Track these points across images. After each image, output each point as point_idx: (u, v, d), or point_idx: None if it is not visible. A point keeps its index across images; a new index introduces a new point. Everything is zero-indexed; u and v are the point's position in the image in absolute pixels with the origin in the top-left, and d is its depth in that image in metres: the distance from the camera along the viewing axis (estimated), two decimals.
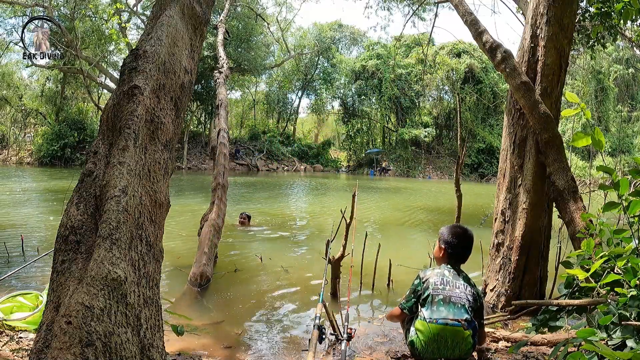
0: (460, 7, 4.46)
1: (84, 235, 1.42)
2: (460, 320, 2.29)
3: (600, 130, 2.17)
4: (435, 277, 2.41)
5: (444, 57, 34.04)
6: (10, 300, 3.07)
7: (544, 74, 3.74)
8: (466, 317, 2.30)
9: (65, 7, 22.39)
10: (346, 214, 3.89)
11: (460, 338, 2.28)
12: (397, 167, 34.55)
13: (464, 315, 2.30)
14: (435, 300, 2.33)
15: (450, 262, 2.51)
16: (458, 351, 2.29)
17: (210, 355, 2.78)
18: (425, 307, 2.34)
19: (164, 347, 1.37)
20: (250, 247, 6.27)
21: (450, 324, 2.28)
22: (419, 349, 2.32)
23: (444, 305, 2.32)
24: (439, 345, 2.29)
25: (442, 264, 2.53)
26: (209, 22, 2.60)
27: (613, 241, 2.63)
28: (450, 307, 2.32)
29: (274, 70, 36.59)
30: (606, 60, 32.94)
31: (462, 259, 2.54)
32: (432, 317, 2.30)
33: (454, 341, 2.27)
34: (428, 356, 2.31)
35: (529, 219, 3.63)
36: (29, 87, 31.72)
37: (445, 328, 2.27)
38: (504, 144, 4.06)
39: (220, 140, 5.87)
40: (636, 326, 1.99)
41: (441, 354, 2.30)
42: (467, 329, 2.29)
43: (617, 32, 6.65)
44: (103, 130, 1.79)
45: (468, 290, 2.40)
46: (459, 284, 2.39)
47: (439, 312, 2.30)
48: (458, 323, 2.28)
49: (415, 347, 2.34)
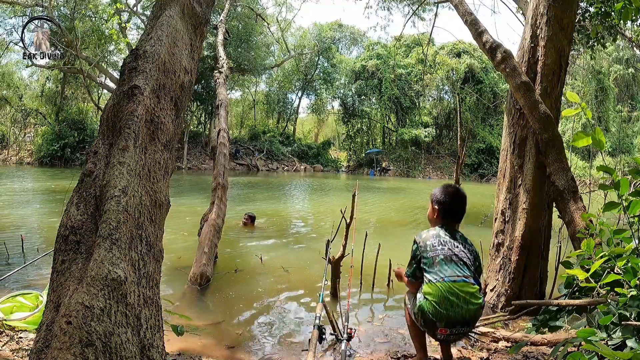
0: (460, 7, 4.46)
1: (84, 235, 1.42)
2: (466, 277, 2.24)
3: (600, 130, 2.17)
4: (432, 238, 2.35)
5: (444, 57, 34.06)
6: (10, 300, 3.07)
7: (544, 74, 3.74)
8: (470, 274, 2.27)
9: (65, 7, 22.41)
10: (346, 214, 3.89)
11: (470, 293, 2.21)
12: (397, 167, 34.54)
13: (468, 272, 2.26)
14: (436, 261, 2.27)
15: (444, 222, 2.43)
16: (471, 306, 2.20)
17: (210, 355, 2.78)
18: (428, 271, 2.27)
19: (164, 347, 1.37)
20: (250, 247, 6.27)
21: (459, 280, 2.22)
22: (431, 312, 2.20)
23: (447, 264, 2.25)
24: (451, 302, 2.19)
25: (436, 225, 2.46)
26: (209, 22, 2.60)
27: (613, 241, 2.63)
28: (453, 266, 2.26)
29: (274, 70, 36.58)
30: (606, 60, 32.96)
31: (456, 219, 2.47)
32: (438, 276, 2.23)
33: (465, 296, 2.19)
34: (441, 317, 2.19)
35: (529, 219, 3.63)
36: (29, 87, 31.71)
37: (454, 284, 2.20)
38: (504, 144, 4.06)
39: (220, 140, 5.87)
40: (636, 326, 1.99)
41: (455, 312, 2.19)
42: (474, 285, 2.25)
43: (617, 32, 6.65)
44: (103, 130, 1.78)
45: (467, 249, 2.35)
46: (456, 243, 2.34)
47: (443, 272, 2.23)
48: (465, 279, 2.23)
49: (426, 312, 2.21)
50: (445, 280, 2.21)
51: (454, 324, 2.19)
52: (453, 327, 2.20)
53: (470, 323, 2.23)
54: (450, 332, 2.22)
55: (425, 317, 2.24)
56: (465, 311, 2.18)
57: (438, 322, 2.20)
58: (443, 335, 2.24)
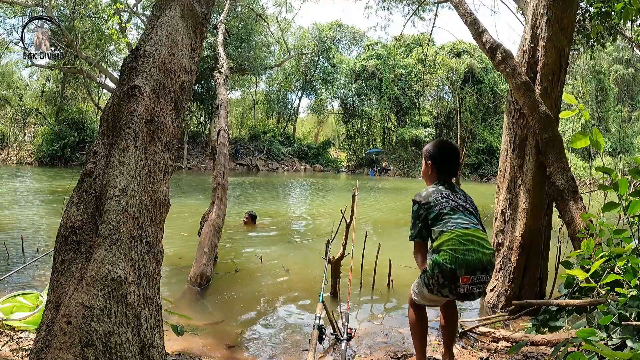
0: (460, 7, 4.46)
1: (84, 235, 1.42)
2: (476, 224, 2.20)
3: (599, 131, 2.17)
4: (433, 194, 2.29)
5: (444, 57, 34.05)
6: (10, 300, 3.07)
7: (544, 74, 3.74)
8: (479, 222, 2.24)
9: (65, 7, 22.41)
10: (346, 214, 3.89)
11: (483, 239, 2.15)
12: (397, 167, 34.54)
13: (476, 220, 2.23)
14: (444, 212, 2.20)
15: (440, 178, 2.40)
16: (487, 251, 2.12)
17: (210, 355, 2.78)
18: (437, 224, 2.19)
19: (164, 347, 1.37)
20: (250, 247, 6.27)
21: (470, 227, 2.16)
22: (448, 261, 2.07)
23: (456, 214, 2.20)
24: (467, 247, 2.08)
25: (432, 182, 2.42)
26: (209, 22, 2.60)
27: (613, 241, 2.63)
28: (461, 214, 2.21)
29: (274, 70, 36.59)
30: (606, 60, 32.95)
31: (451, 173, 2.43)
32: (449, 225, 2.15)
33: (480, 241, 2.12)
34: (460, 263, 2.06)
35: (529, 219, 3.63)
36: (29, 87, 31.72)
37: (466, 230, 2.14)
38: (504, 144, 4.06)
39: (220, 140, 5.87)
40: (636, 326, 1.99)
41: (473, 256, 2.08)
42: (484, 232, 2.21)
43: (617, 32, 6.66)
44: (103, 130, 1.78)
45: (469, 201, 2.33)
46: (458, 195, 2.32)
47: (454, 221, 2.17)
48: (475, 225, 2.19)
49: (443, 264, 2.07)
50: (458, 227, 2.15)
51: (474, 270, 2.09)
52: (474, 274, 2.09)
53: (488, 270, 2.14)
54: (472, 281, 2.10)
55: (443, 270, 2.09)
56: (482, 255, 2.10)
57: (458, 270, 2.07)
58: (466, 287, 2.10)
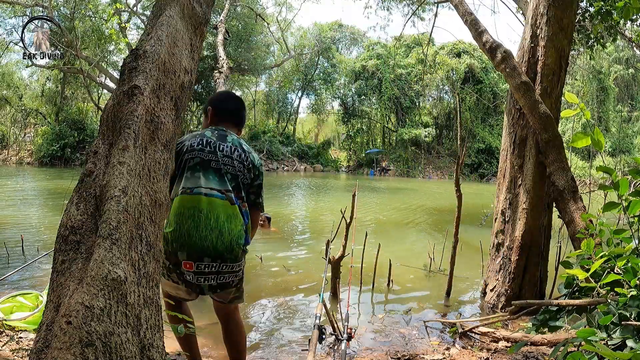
0: (460, 7, 4.46)
1: (84, 235, 1.42)
2: (224, 191, 1.80)
3: (599, 130, 2.17)
4: (193, 139, 1.89)
5: (444, 57, 34.05)
6: (10, 300, 3.07)
7: (544, 74, 3.74)
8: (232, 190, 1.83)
9: (65, 7, 22.41)
10: (346, 214, 3.89)
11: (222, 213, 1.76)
12: (397, 167, 34.55)
13: (228, 185, 1.83)
14: (190, 165, 1.82)
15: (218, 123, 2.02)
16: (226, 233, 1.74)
17: (210, 355, 2.78)
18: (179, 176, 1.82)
19: (164, 347, 1.37)
20: (250, 246, 6.26)
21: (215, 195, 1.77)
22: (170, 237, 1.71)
23: (201, 171, 1.81)
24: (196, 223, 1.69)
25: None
26: (209, 22, 2.61)
27: (613, 241, 2.63)
28: (210, 174, 1.81)
29: (274, 70, 36.60)
30: (606, 60, 32.94)
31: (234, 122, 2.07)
32: (186, 186, 1.77)
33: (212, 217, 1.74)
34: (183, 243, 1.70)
35: (529, 219, 3.63)
36: (29, 87, 31.71)
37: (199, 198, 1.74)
38: (504, 144, 4.07)
39: None
40: (636, 326, 1.99)
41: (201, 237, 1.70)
42: (233, 203, 1.81)
43: (617, 32, 6.66)
44: (103, 130, 1.78)
45: (237, 155, 1.90)
46: (223, 147, 1.89)
47: (193, 180, 1.79)
48: (220, 194, 1.78)
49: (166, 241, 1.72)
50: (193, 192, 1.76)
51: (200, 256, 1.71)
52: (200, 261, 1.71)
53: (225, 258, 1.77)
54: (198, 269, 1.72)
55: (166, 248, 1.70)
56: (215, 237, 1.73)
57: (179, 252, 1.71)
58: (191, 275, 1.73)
